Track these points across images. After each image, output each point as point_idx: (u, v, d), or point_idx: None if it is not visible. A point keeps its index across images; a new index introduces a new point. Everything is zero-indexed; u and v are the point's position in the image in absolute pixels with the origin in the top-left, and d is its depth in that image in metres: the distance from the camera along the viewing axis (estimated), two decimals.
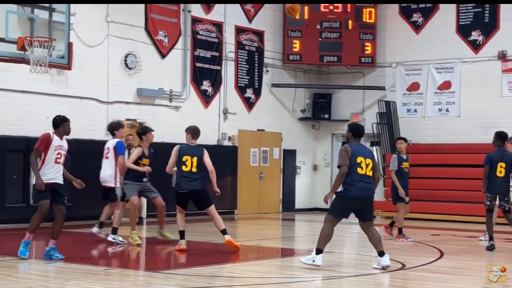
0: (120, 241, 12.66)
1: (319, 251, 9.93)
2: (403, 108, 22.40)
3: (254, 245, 13.43)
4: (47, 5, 14.52)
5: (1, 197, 15.36)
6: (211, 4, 20.44)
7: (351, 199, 9.88)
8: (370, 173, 9.93)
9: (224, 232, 12.00)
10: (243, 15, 21.48)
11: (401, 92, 22.51)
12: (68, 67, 14.96)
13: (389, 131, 22.06)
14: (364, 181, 9.87)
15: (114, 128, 13.24)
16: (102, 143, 17.22)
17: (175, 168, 12.04)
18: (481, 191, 13.09)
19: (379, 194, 22.16)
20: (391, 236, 14.40)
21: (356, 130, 10.21)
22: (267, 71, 22.29)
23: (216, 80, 20.73)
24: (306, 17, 22.45)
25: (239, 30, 21.38)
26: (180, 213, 12.01)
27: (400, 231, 14.27)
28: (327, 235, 9.99)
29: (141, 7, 18.67)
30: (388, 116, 22.15)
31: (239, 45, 21.40)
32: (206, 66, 20.42)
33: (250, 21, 21.66)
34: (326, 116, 23.36)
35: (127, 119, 18.24)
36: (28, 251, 10.45)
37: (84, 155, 17.15)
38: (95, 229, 13.35)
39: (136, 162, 12.68)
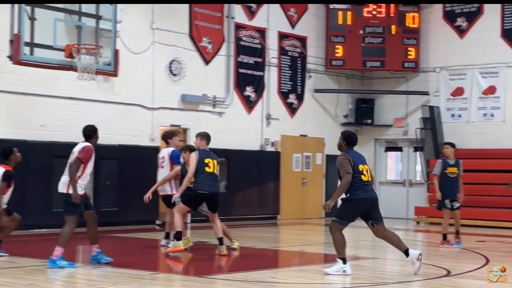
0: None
1: (344, 260, 9.95)
2: (447, 113, 22.26)
3: (297, 251, 13.48)
4: (94, 13, 14.75)
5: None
6: (254, 11, 20.57)
7: (360, 202, 9.96)
8: (370, 179, 10.10)
9: (221, 241, 12.02)
10: (286, 21, 21.57)
11: (445, 97, 22.37)
12: (114, 74, 15.14)
13: (433, 136, 21.94)
14: (369, 186, 10.04)
15: (167, 136, 13.35)
16: (147, 149, 17.61)
17: None
18: None
19: (421, 200, 22.10)
20: (457, 244, 14.17)
21: (349, 139, 10.29)
22: (309, 76, 22.33)
23: (259, 86, 20.84)
24: (349, 22, 22.45)
25: (282, 36, 21.47)
26: (182, 213, 11.94)
27: (444, 237, 14.21)
28: (342, 242, 10.04)
29: (185, 14, 18.87)
30: (432, 121, 22.03)
31: (282, 51, 21.49)
32: (249, 72, 20.55)
33: (293, 26, 21.74)
34: (369, 121, 23.32)
35: (171, 125, 18.45)
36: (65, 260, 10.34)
37: (129, 161, 17.44)
38: (163, 241, 13.20)
39: None
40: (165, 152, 13.19)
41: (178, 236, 11.82)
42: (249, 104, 20.59)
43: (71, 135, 15.98)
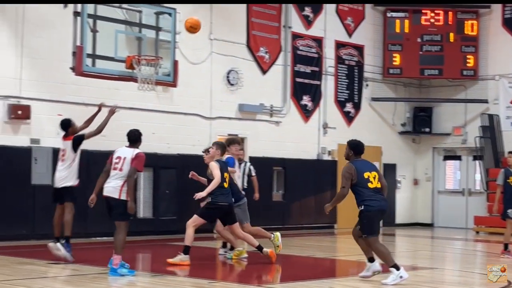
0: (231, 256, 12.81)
1: (396, 266, 9.92)
2: (507, 122, 21.95)
3: (354, 260, 13.46)
4: (154, 24, 14.99)
5: None
6: (311, 20, 20.67)
7: (377, 212, 10.10)
8: (379, 185, 10.14)
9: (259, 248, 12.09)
10: (343, 30, 21.60)
11: (504, 105, 22.08)
12: (173, 84, 15.35)
13: (492, 145, 21.68)
14: (377, 193, 10.11)
15: (226, 144, 13.46)
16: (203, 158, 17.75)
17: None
18: None
19: (481, 209, 21.82)
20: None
21: (356, 147, 10.40)
22: (367, 85, 22.31)
23: (316, 95, 20.90)
24: (406, 30, 22.37)
25: (339, 45, 21.50)
26: (195, 226, 11.79)
27: (506, 247, 14.03)
28: (385, 251, 10.10)
29: (243, 24, 19.07)
30: (491, 129, 21.77)
31: (339, 60, 21.51)
32: (306, 81, 20.63)
33: (350, 35, 21.75)
34: (427, 129, 23.16)
35: (228, 134, 18.59)
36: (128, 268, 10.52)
37: (188, 170, 17.53)
38: (221, 250, 13.33)
39: None
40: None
41: (186, 250, 11.66)
42: (306, 113, 20.65)
43: None
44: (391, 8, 22.41)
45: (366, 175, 10.08)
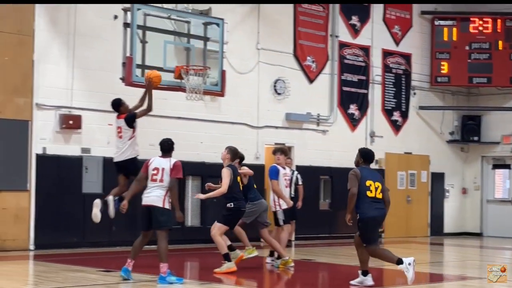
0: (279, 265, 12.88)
1: (400, 260, 10.24)
2: None
3: (402, 270, 13.40)
4: (202, 34, 15.14)
5: None
6: (358, 29, 20.67)
7: (371, 220, 10.35)
8: (380, 196, 10.37)
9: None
10: (390, 38, 21.55)
11: None
12: (221, 93, 15.45)
13: None
14: (375, 202, 10.33)
15: (273, 152, 13.59)
16: (252, 167, 17.79)
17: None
18: None
19: None
20: None
21: (366, 155, 10.71)
22: (414, 93, 22.21)
23: (363, 104, 20.88)
24: (454, 38, 22.23)
25: (386, 54, 21.46)
26: (221, 234, 11.89)
27: None
28: (386, 252, 10.53)
29: (290, 34, 19.16)
30: None
31: (386, 68, 21.47)
32: (353, 90, 20.62)
33: (397, 44, 21.70)
34: (476, 138, 22.94)
35: (275, 143, 18.68)
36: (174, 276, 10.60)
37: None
38: (268, 259, 13.34)
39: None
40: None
41: (227, 257, 11.82)
42: (353, 122, 20.64)
43: (180, 154, 16.36)
44: (439, 16, 22.30)
45: (368, 183, 10.35)
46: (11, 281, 10.41)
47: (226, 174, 11.95)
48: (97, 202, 11.97)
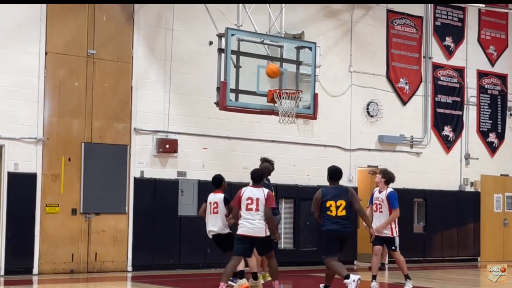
0: None
1: (348, 276, 10.71)
2: None
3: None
4: (294, 58, 15.29)
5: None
6: (452, 50, 20.47)
7: (328, 232, 10.96)
8: (342, 213, 10.93)
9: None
10: (485, 59, 21.24)
11: None
12: (313, 117, 15.53)
13: None
14: (335, 221, 10.91)
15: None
16: None
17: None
18: None
19: None
20: None
21: (331, 173, 11.32)
22: (510, 114, 21.76)
23: (458, 125, 20.61)
24: None
25: (481, 74, 21.14)
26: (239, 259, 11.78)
27: None
28: (338, 265, 10.93)
29: (382, 56, 19.14)
30: None
31: (481, 89, 21.14)
32: (447, 111, 20.40)
33: (492, 64, 21.35)
34: None
35: (368, 166, 18.69)
36: None
37: None
38: (373, 284, 13.14)
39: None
40: (383, 195, 13.19)
41: (254, 276, 12.26)
42: (447, 144, 20.39)
43: (272, 176, 16.54)
44: None
45: (328, 203, 10.93)
46: None
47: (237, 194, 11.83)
48: None
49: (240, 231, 11.29)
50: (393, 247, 12.94)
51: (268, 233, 11.21)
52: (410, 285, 12.93)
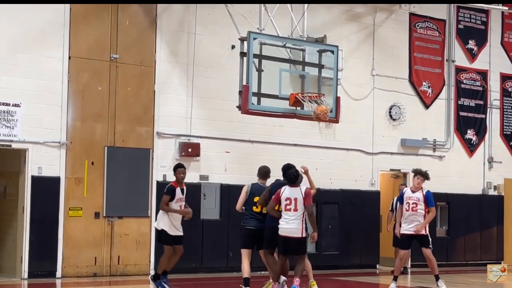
0: None
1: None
2: None
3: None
4: (316, 62, 15.27)
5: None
6: (475, 53, 20.37)
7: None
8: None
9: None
10: (509, 62, 21.09)
11: None
12: (335, 120, 15.50)
13: None
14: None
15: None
16: (368, 193, 17.94)
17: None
18: None
19: None
20: None
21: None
22: None
23: (481, 129, 20.49)
24: None
25: (505, 78, 21.01)
26: (247, 257, 11.75)
27: None
28: (273, 266, 11.55)
29: (405, 60, 19.09)
30: None
31: (505, 92, 21.01)
32: (470, 114, 20.29)
33: None
34: None
35: (391, 170, 18.63)
36: None
37: (350, 205, 17.79)
38: (392, 285, 13.21)
39: None
40: (419, 194, 13.24)
41: (246, 282, 11.66)
42: (470, 148, 20.28)
43: None
44: None
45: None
46: None
47: (243, 190, 12.09)
48: None
49: (279, 231, 11.38)
50: (430, 245, 12.95)
51: (304, 234, 11.31)
52: (443, 284, 12.91)
